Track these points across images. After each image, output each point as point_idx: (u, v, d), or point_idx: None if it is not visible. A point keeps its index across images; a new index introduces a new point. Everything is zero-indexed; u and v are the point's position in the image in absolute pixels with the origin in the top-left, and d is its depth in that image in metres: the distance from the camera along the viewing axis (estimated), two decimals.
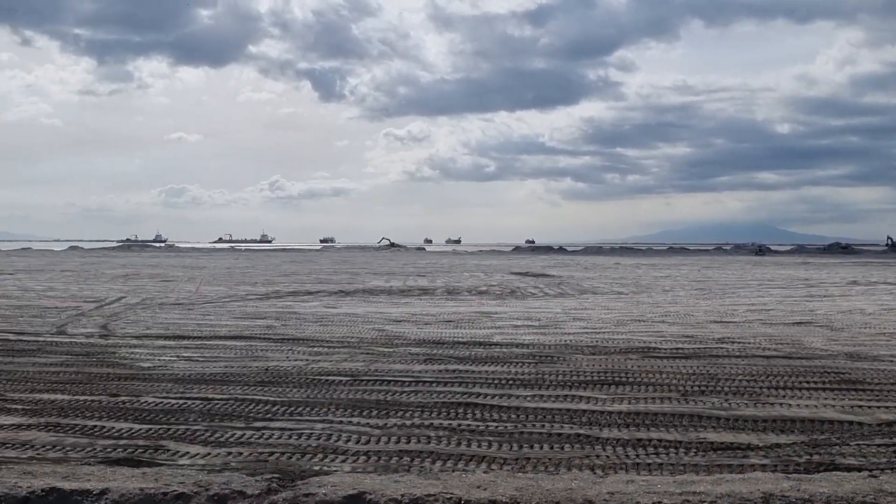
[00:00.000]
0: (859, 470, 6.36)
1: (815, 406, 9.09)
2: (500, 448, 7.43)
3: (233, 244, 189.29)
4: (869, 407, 9.04)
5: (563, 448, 7.41)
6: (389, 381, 10.67)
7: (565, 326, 17.34)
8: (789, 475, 6.13)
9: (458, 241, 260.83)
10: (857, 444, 7.43)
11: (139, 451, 7.30)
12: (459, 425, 8.27)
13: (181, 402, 9.43)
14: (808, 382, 10.53)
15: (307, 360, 12.58)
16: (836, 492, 5.44)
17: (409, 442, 7.64)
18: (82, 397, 9.74)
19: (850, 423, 8.28)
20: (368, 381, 10.74)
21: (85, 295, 26.51)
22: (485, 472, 6.41)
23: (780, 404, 9.20)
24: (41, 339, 15.14)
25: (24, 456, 7.09)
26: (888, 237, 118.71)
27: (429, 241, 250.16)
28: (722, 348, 13.68)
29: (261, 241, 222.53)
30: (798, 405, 9.14)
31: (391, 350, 13.62)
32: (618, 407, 9.07)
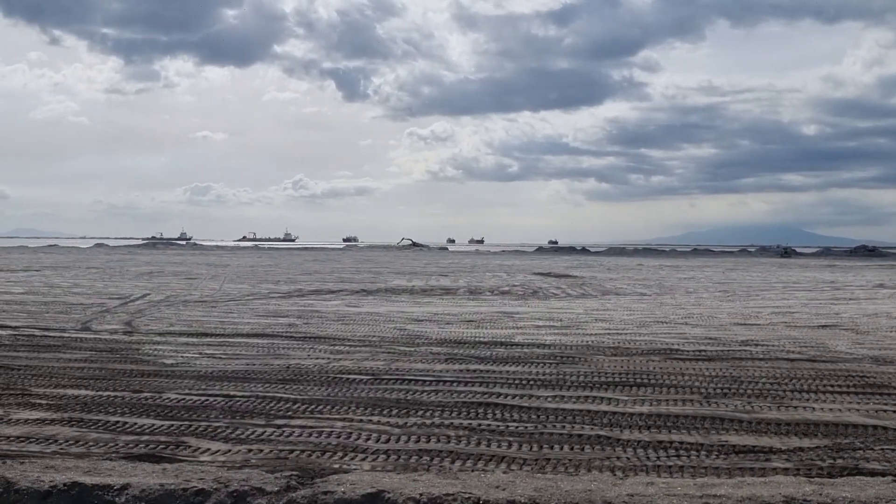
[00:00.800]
0: (883, 475, 6.28)
1: (839, 410, 8.99)
2: (519, 448, 7.40)
3: (256, 242, 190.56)
4: (894, 411, 8.91)
5: (583, 449, 7.38)
6: (410, 381, 10.68)
7: (587, 327, 17.27)
8: (812, 479, 6.07)
9: (480, 241, 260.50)
10: (882, 449, 7.33)
11: (160, 447, 7.34)
12: (479, 425, 8.25)
13: (203, 398, 9.49)
14: (832, 386, 10.41)
15: (329, 358, 12.62)
16: (859, 496, 5.38)
17: (428, 441, 7.63)
18: (105, 393, 9.83)
19: (875, 427, 8.17)
20: (389, 379, 10.76)
21: (110, 292, 26.78)
22: (504, 473, 6.40)
23: (804, 408, 9.10)
24: (66, 334, 15.30)
25: (48, 450, 7.16)
26: None
27: (451, 241, 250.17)
28: (745, 351, 13.57)
29: (284, 240, 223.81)
30: (822, 409, 9.04)
31: (412, 349, 13.63)
32: (639, 409, 9.01)
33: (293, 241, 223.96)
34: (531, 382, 10.61)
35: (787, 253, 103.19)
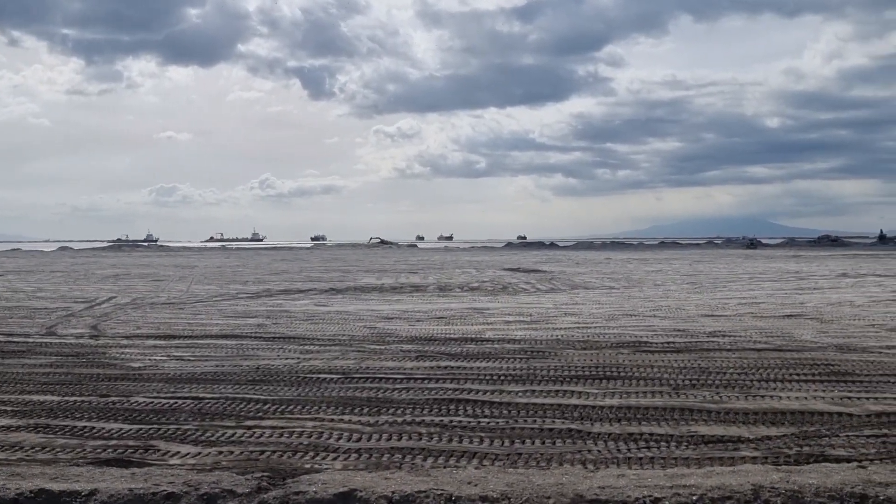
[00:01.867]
0: (848, 461, 6.39)
1: (806, 398, 9.13)
2: (491, 444, 7.43)
3: (224, 243, 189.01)
4: (858, 398, 9.07)
5: (554, 443, 7.42)
6: (381, 379, 10.66)
7: (557, 321, 17.36)
8: (779, 467, 6.16)
9: (449, 238, 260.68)
10: (847, 436, 7.46)
11: (129, 451, 7.26)
12: (451, 422, 8.26)
13: (172, 401, 9.40)
14: (798, 375, 10.57)
15: (298, 358, 12.56)
16: (825, 483, 5.47)
17: (400, 439, 7.63)
18: (72, 398, 9.69)
19: (840, 414, 8.31)
20: (360, 378, 10.73)
21: (75, 295, 26.40)
22: (476, 468, 6.41)
23: (771, 397, 9.23)
24: (31, 340, 15.07)
25: (14, 457, 7.05)
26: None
27: (421, 238, 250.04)
28: (713, 342, 13.72)
29: (252, 240, 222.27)
30: (788, 397, 9.18)
31: (383, 347, 13.60)
32: (609, 401, 9.08)
33: (261, 241, 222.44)
34: (502, 378, 10.63)
35: (752, 244, 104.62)
